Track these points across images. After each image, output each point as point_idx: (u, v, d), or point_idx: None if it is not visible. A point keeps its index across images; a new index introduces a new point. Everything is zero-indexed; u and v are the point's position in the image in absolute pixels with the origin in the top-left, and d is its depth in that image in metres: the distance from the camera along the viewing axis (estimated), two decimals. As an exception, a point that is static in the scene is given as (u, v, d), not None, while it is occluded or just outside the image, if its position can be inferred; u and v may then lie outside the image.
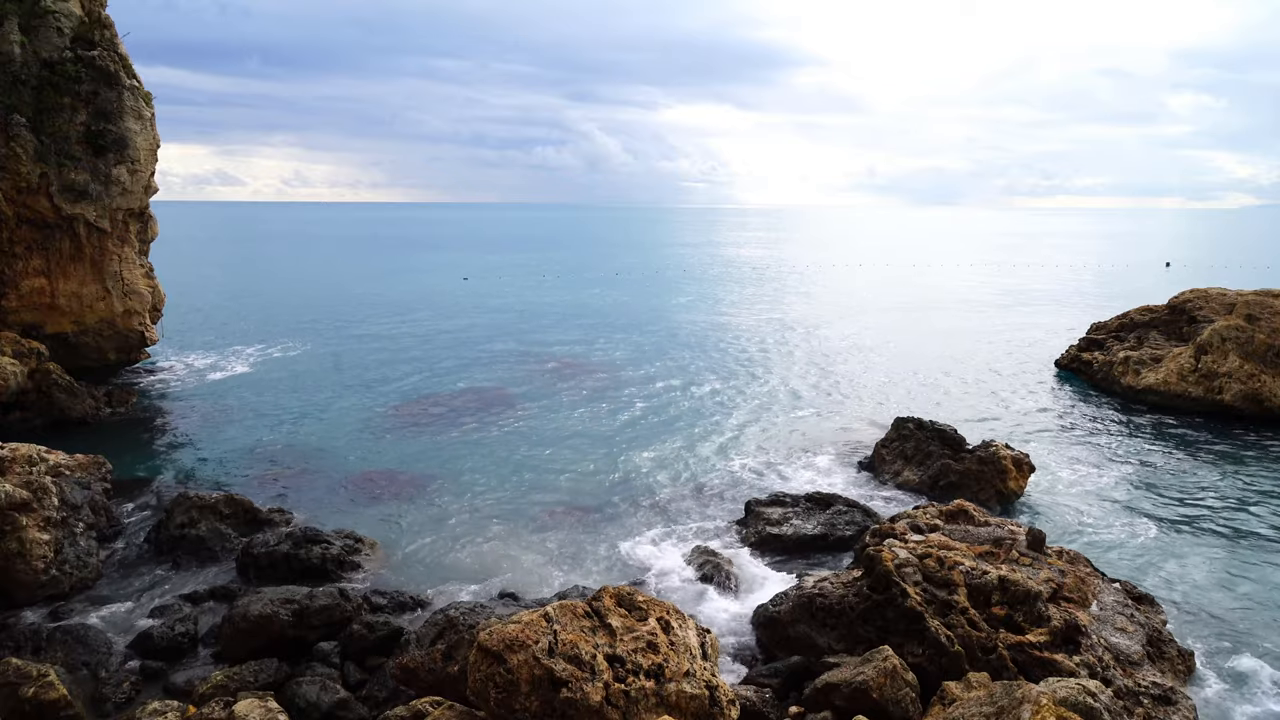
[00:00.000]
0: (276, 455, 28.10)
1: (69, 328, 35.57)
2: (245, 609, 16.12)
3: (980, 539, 17.00)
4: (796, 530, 21.04)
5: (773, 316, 61.79)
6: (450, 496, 24.33)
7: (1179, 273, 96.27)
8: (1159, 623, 15.98)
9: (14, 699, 13.20)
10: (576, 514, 23.13)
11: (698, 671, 11.85)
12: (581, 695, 10.87)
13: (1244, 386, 32.40)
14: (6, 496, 17.81)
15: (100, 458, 22.51)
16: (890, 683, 13.13)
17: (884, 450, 26.80)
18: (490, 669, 11.25)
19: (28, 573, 17.57)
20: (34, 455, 19.88)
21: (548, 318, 60.34)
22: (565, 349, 47.64)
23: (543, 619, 11.78)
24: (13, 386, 29.80)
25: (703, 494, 24.96)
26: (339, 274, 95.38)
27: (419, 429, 31.28)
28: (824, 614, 15.68)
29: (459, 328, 55.11)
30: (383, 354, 45.63)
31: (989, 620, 14.38)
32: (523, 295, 74.28)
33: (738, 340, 50.95)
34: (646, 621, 12.30)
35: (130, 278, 36.79)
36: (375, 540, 21.07)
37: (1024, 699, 10.81)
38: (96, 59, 34.18)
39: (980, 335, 53.19)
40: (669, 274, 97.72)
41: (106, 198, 34.52)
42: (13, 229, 33.16)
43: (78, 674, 14.84)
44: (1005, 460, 24.29)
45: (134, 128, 35.04)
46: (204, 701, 13.63)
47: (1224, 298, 38.65)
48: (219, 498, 22.15)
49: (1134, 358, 37.30)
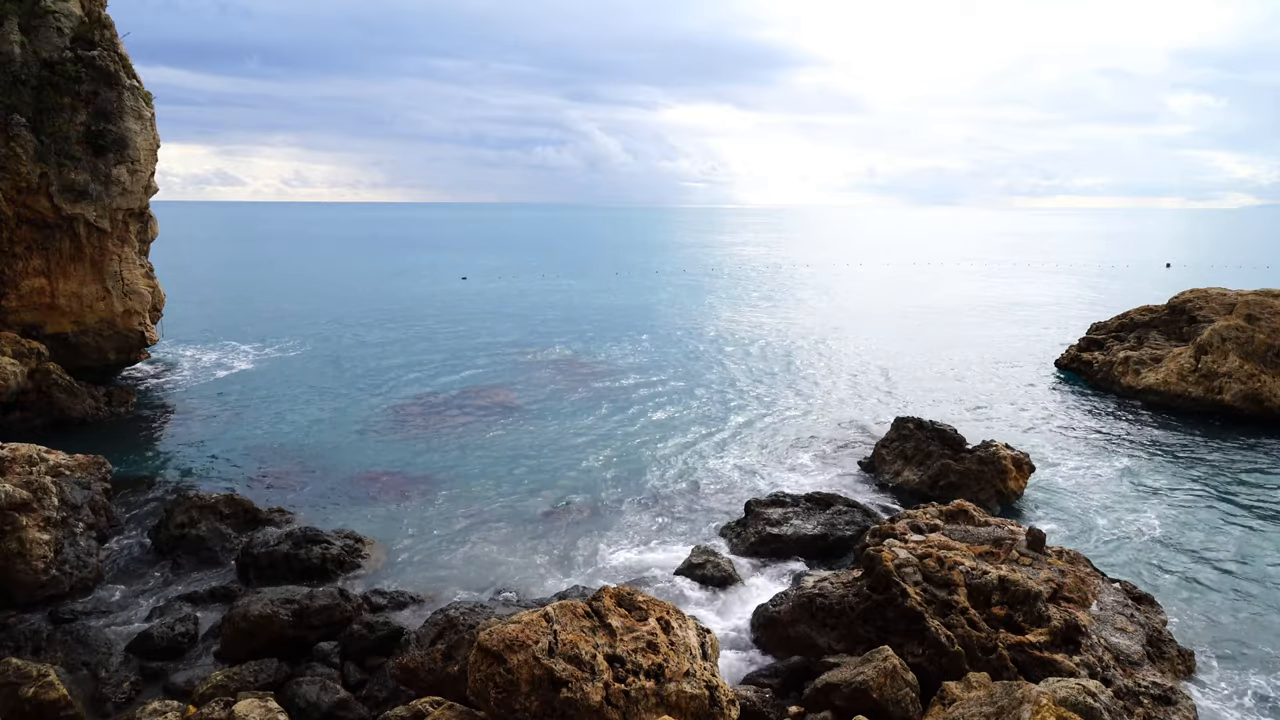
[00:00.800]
0: (276, 455, 28.10)
1: (69, 328, 35.55)
2: (245, 609, 16.12)
3: (980, 539, 17.00)
4: (796, 530, 21.03)
5: (773, 316, 61.80)
6: (450, 496, 24.34)
7: (1179, 273, 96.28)
8: (1159, 623, 15.99)
9: (14, 699, 13.20)
10: (576, 514, 23.13)
11: (698, 671, 11.85)
12: (581, 695, 10.87)
13: (1244, 386, 32.40)
14: (6, 496, 17.81)
15: (100, 458, 22.51)
16: (890, 683, 13.13)
17: (884, 450, 26.79)
18: (490, 669, 11.25)
19: (28, 573, 17.57)
20: (34, 455, 19.88)
21: (548, 318, 60.34)
22: (565, 349, 47.64)
23: (543, 619, 11.77)
24: (13, 386, 29.80)
25: (703, 494, 24.96)
26: (339, 274, 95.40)
27: (419, 429, 31.28)
28: (824, 614, 15.68)
29: (459, 328, 55.12)
30: (382, 354, 45.63)
31: (989, 620, 14.38)
32: (522, 295, 74.29)
33: (738, 340, 50.95)
34: (646, 621, 12.29)
35: (130, 278, 36.78)
36: (375, 540, 21.08)
37: (1024, 699, 10.81)
38: (96, 59, 34.16)
39: (980, 335, 53.20)
40: (669, 274, 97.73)
41: (106, 198, 34.50)
42: (13, 229, 33.15)
43: (78, 674, 14.84)
44: (1005, 460, 24.29)
45: (134, 128, 35.03)
46: (204, 701, 13.63)
47: (1224, 298, 38.65)
48: (219, 498, 22.15)
49: (1134, 358, 37.31)
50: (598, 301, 70.34)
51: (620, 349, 47.73)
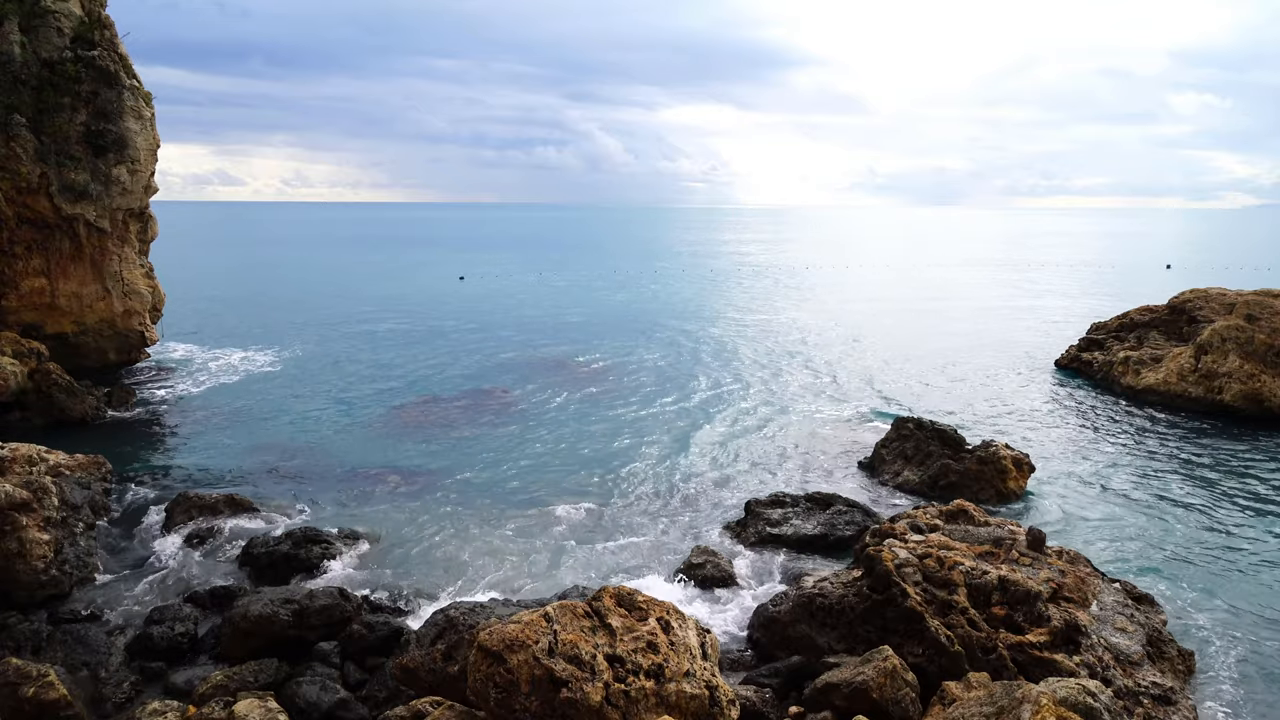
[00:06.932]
0: (277, 455, 28.10)
1: (69, 328, 35.56)
2: (245, 609, 16.12)
3: (980, 539, 16.99)
4: (796, 530, 21.03)
5: (772, 316, 61.80)
6: (450, 496, 24.34)
7: (1179, 273, 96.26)
8: (1159, 623, 15.98)
9: (14, 699, 13.19)
10: (576, 514, 23.12)
11: (698, 671, 11.85)
12: (581, 695, 10.87)
13: (1244, 386, 32.39)
14: (6, 496, 17.81)
15: (100, 458, 22.51)
16: (890, 683, 13.13)
17: (884, 450, 26.79)
18: (490, 669, 11.25)
19: (28, 573, 17.57)
20: (34, 455, 19.88)
21: (548, 317, 60.33)
22: (565, 349, 47.64)
23: (543, 619, 11.77)
24: (13, 386, 29.81)
25: (703, 494, 24.96)
26: (339, 274, 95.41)
27: (419, 429, 31.28)
28: (824, 614, 15.68)
29: (459, 328, 55.11)
30: (382, 354, 45.63)
31: (989, 620, 14.38)
32: (522, 295, 74.27)
33: (738, 340, 50.95)
34: (646, 621, 12.29)
35: (130, 278, 36.78)
36: (375, 540, 21.09)
37: (1024, 699, 10.81)
38: (96, 59, 34.17)
39: (980, 335, 53.20)
40: (669, 274, 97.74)
41: (106, 198, 34.51)
42: (13, 229, 33.16)
43: (78, 674, 14.84)
44: (1005, 460, 24.29)
45: (134, 128, 35.04)
46: (204, 701, 13.63)
47: (1224, 298, 38.64)
48: (219, 498, 22.15)
49: (1134, 358, 37.31)
50: (598, 301, 70.34)
51: (620, 349, 47.72)
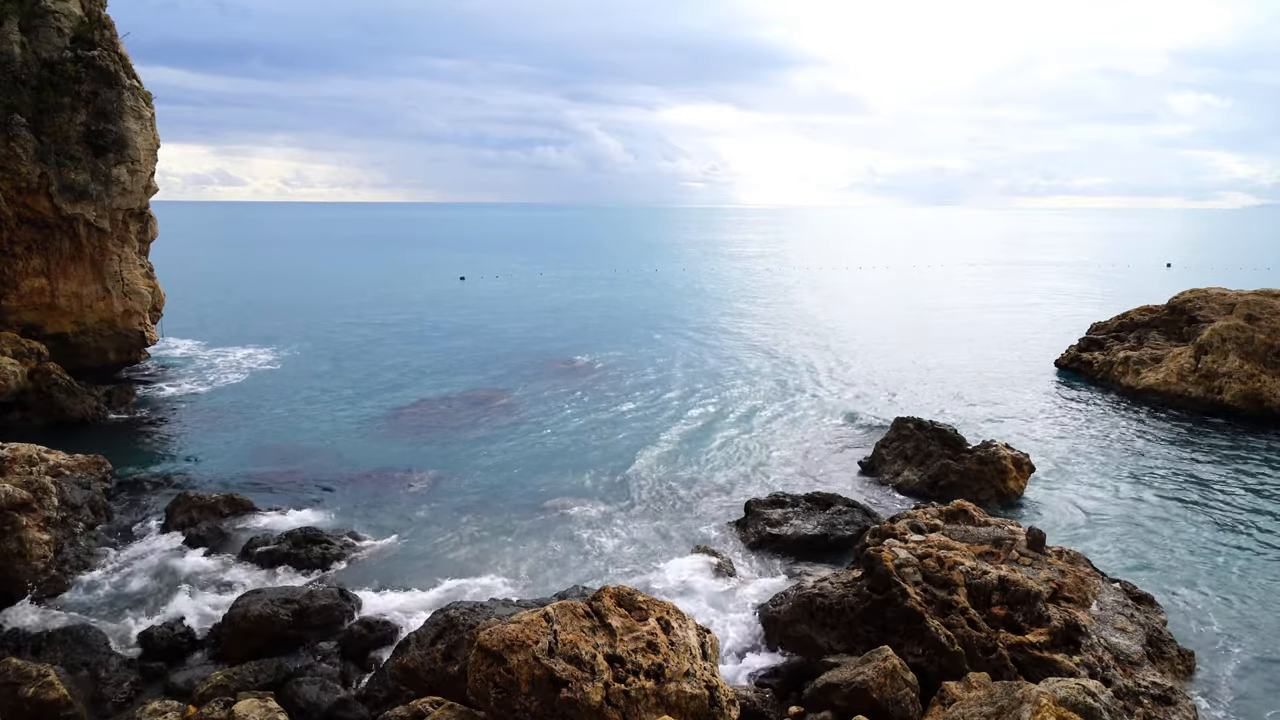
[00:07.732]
0: (277, 455, 28.10)
1: (69, 328, 35.57)
2: (245, 609, 16.12)
3: (980, 539, 16.99)
4: (796, 530, 21.03)
5: (772, 316, 61.79)
6: (450, 496, 24.34)
7: (1179, 273, 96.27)
8: (1159, 623, 15.98)
9: (14, 699, 13.19)
10: (577, 514, 23.12)
11: (698, 671, 11.85)
12: (581, 695, 10.87)
13: (1244, 386, 32.39)
14: (6, 496, 17.81)
15: (100, 458, 22.51)
16: (890, 683, 13.13)
17: (884, 450, 26.79)
18: (490, 669, 11.25)
19: (27, 572, 17.57)
20: (34, 455, 19.89)
21: (548, 318, 60.34)
22: (565, 349, 47.64)
23: (543, 619, 11.77)
24: (13, 386, 29.81)
25: (703, 494, 24.95)
26: (339, 274, 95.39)
27: (418, 429, 31.28)
28: (824, 614, 15.67)
29: (459, 328, 55.12)
30: (382, 354, 45.63)
31: (989, 620, 14.38)
32: (522, 295, 74.28)
33: (738, 340, 50.94)
34: (646, 621, 12.29)
35: (130, 278, 36.79)
36: (375, 539, 21.08)
37: (1024, 699, 10.81)
38: (96, 59, 34.17)
39: (980, 335, 53.19)
40: (670, 274, 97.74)
41: (106, 198, 34.52)
42: (13, 229, 33.16)
43: (78, 674, 14.82)
44: (1005, 460, 24.28)
45: (134, 128, 35.04)
46: (204, 701, 13.63)
47: (1224, 298, 38.64)
48: (219, 498, 22.14)
49: (1134, 358, 37.31)
50: (598, 301, 70.34)
51: (620, 349, 47.71)
